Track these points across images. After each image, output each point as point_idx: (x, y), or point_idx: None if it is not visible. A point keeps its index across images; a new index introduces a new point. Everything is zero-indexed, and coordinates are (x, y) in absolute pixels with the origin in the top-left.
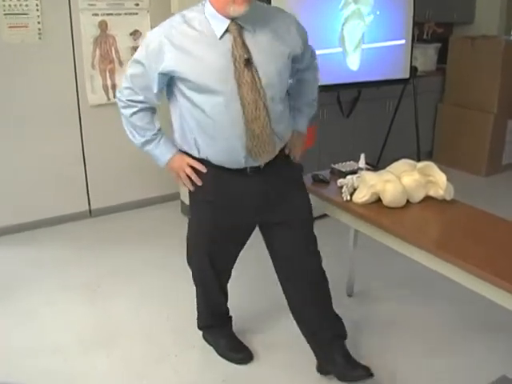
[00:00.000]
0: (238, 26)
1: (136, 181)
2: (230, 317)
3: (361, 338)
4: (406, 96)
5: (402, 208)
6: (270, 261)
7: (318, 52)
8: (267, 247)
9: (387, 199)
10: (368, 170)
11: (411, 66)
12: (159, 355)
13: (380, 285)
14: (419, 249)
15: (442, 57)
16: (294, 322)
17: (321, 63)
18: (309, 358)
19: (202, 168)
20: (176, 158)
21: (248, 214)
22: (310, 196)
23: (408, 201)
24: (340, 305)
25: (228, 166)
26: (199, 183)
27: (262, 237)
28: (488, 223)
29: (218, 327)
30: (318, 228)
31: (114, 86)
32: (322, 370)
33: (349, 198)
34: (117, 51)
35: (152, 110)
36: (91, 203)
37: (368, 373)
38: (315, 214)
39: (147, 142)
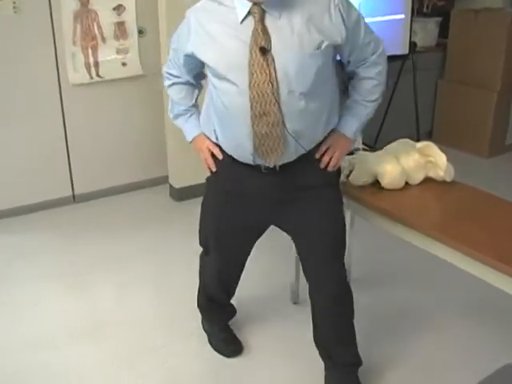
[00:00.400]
0: (260, 9)
1: (122, 164)
2: (232, 308)
3: (356, 324)
4: (405, 73)
5: (401, 190)
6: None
7: None
8: None
9: (385, 181)
10: (365, 150)
11: (410, 42)
12: (149, 345)
13: (378, 271)
14: (419, 233)
15: (443, 31)
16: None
17: None
18: (307, 354)
19: (218, 154)
20: (199, 138)
21: (259, 213)
22: None
23: (407, 182)
24: None
25: (240, 160)
26: (213, 169)
27: None
28: (491, 205)
29: (215, 313)
30: None
31: (96, 64)
32: None
33: (345, 179)
34: (99, 27)
35: (190, 86)
36: (75, 188)
37: None
38: None
39: (178, 116)
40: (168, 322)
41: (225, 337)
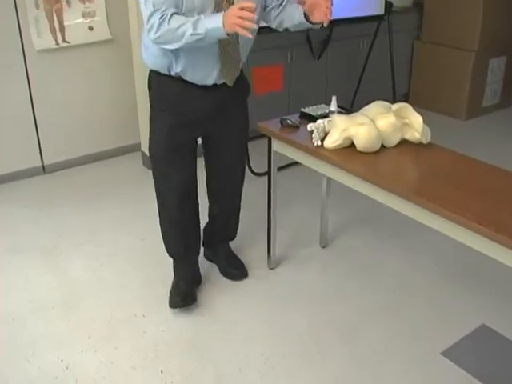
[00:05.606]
0: None
1: (92, 132)
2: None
3: (338, 288)
4: (381, 34)
5: (377, 153)
6: None
7: None
8: (205, 159)
9: (361, 144)
10: (340, 113)
11: (386, 2)
12: (126, 316)
13: (355, 234)
14: (395, 195)
15: None
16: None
17: None
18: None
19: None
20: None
21: (200, 127)
22: (279, 142)
23: (382, 145)
24: (313, 257)
25: (199, 83)
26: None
27: (203, 149)
28: (467, 167)
29: (183, 259)
30: (287, 174)
31: (62, 29)
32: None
33: (320, 143)
34: None
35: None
36: (44, 158)
37: (243, 275)
38: (284, 162)
39: (195, 29)
40: (144, 292)
41: (180, 291)
